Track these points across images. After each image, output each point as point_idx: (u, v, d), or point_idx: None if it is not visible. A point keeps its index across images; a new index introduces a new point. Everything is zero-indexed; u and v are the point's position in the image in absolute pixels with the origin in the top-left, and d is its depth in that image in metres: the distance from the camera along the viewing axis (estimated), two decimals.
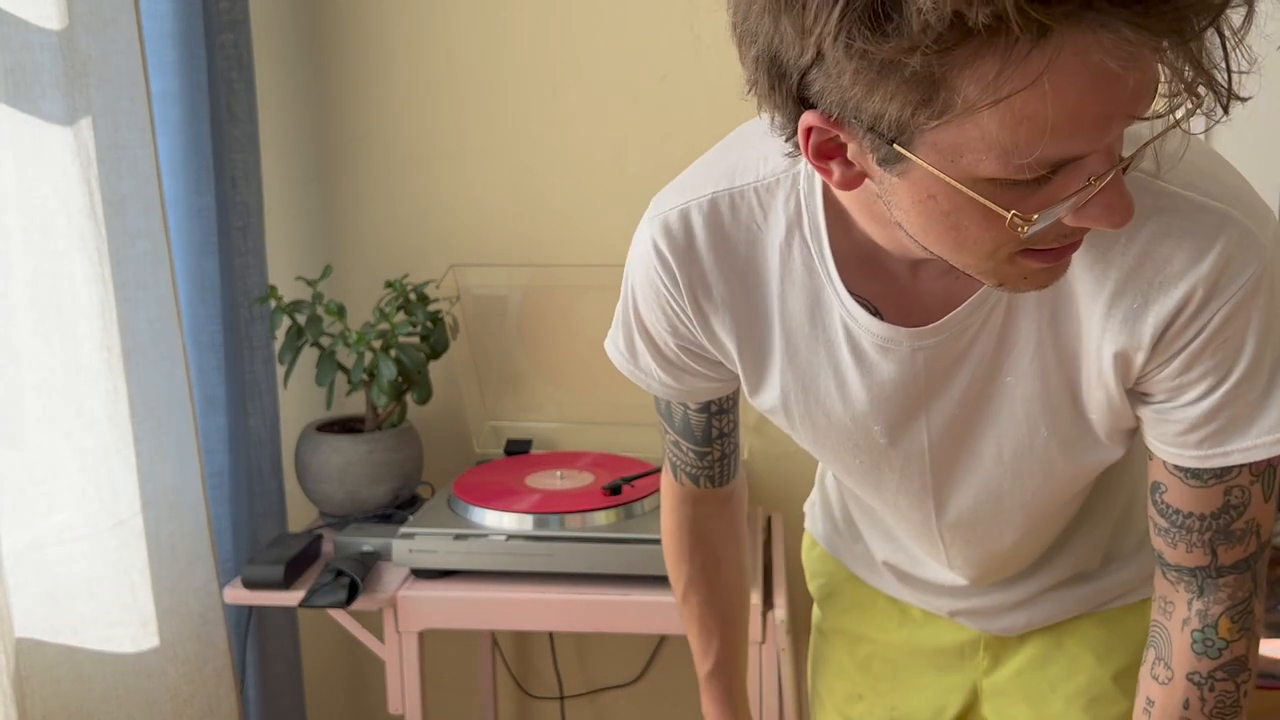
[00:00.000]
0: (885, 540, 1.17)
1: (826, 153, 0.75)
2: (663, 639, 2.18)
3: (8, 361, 1.42)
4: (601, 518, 1.69)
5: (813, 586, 1.30)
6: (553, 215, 2.05)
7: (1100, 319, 0.85)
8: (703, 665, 1.24)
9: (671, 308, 0.96)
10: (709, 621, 1.21)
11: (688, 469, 1.13)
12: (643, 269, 0.97)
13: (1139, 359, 0.85)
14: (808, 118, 0.72)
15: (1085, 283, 0.85)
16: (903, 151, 0.70)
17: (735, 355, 0.96)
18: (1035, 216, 0.70)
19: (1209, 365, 0.85)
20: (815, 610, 1.30)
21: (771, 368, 0.96)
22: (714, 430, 1.10)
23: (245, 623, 1.86)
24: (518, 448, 2.05)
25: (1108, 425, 0.92)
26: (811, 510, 1.31)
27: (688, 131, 1.95)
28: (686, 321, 0.96)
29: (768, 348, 0.95)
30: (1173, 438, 0.89)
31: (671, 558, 1.21)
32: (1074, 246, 0.76)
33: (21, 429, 1.45)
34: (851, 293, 0.89)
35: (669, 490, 1.18)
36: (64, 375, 1.47)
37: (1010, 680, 1.18)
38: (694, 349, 0.99)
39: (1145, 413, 0.90)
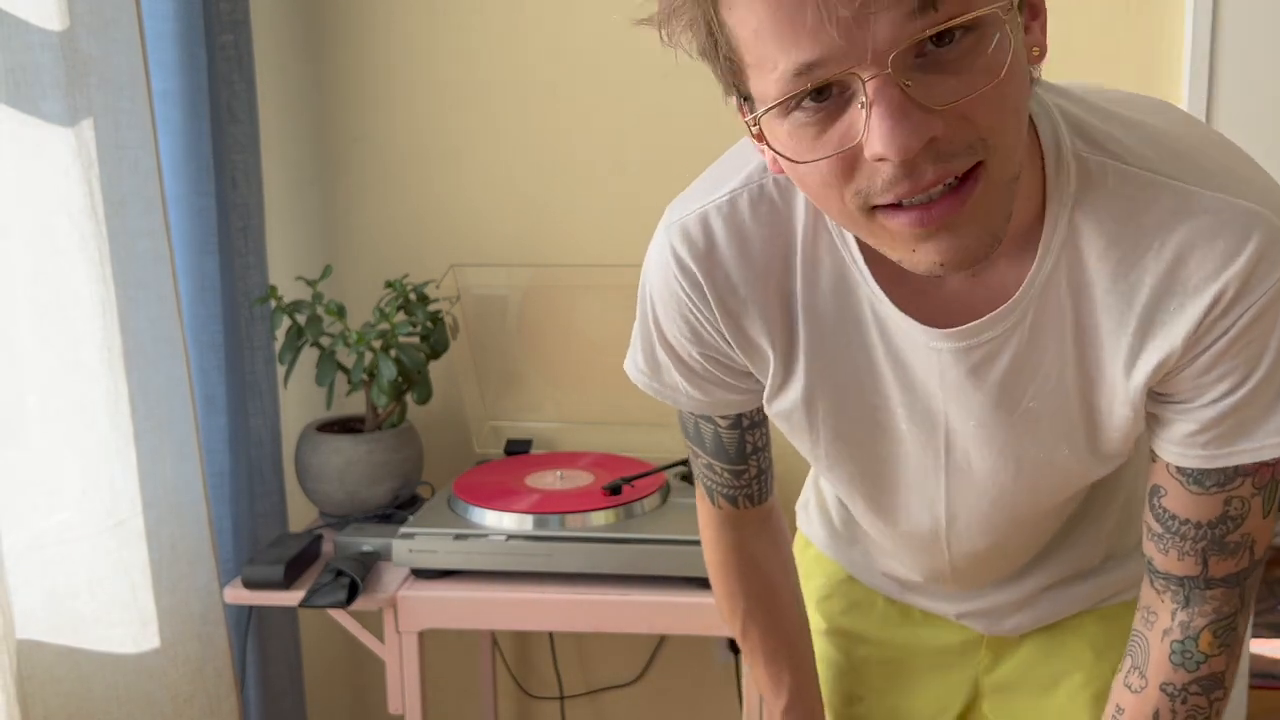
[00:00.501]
0: (883, 546, 1.16)
1: (759, 136, 0.78)
2: (663, 639, 2.18)
3: (8, 361, 1.43)
4: (601, 518, 1.69)
5: (808, 588, 1.27)
6: (553, 215, 2.05)
7: (1135, 330, 0.84)
8: (776, 702, 1.16)
9: (695, 316, 0.94)
10: (775, 652, 1.15)
11: (724, 490, 1.10)
12: (662, 278, 0.95)
13: (1171, 361, 0.84)
14: (732, 101, 0.78)
15: (1115, 295, 0.84)
16: (744, 107, 0.77)
17: (769, 353, 0.94)
18: (758, 110, 0.74)
19: (1231, 365, 0.84)
20: (810, 612, 1.28)
21: (796, 361, 0.94)
22: (747, 446, 1.07)
23: (246, 623, 1.86)
24: (518, 448, 2.05)
25: (1127, 433, 0.91)
26: (805, 511, 1.29)
27: (688, 131, 1.95)
28: (713, 331, 0.94)
29: (794, 341, 0.94)
30: (1182, 438, 0.89)
31: (722, 590, 1.16)
32: (932, 210, 0.73)
33: (22, 429, 1.45)
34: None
35: (708, 518, 1.14)
36: (64, 375, 1.47)
37: (1011, 676, 1.17)
38: (720, 358, 0.97)
39: (1162, 411, 0.89)
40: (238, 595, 1.69)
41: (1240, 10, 1.85)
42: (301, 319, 1.90)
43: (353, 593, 1.63)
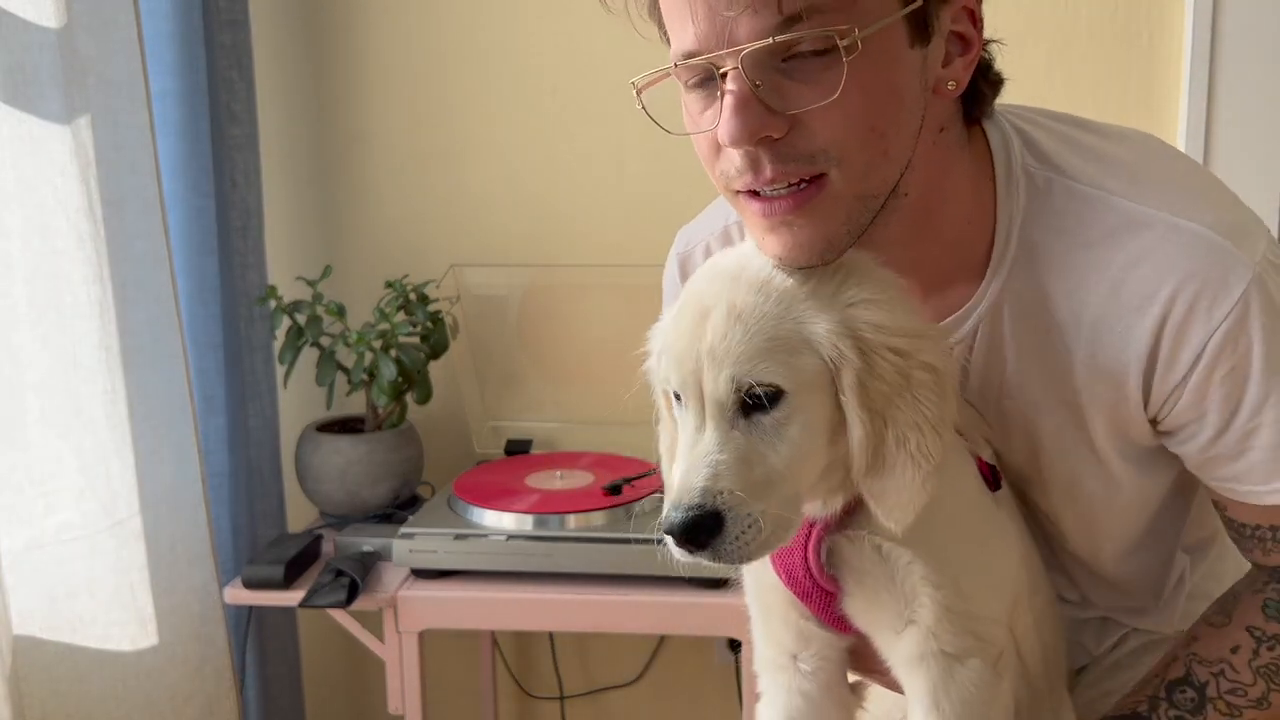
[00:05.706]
0: None
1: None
2: (663, 639, 2.17)
3: (7, 361, 1.42)
4: (601, 518, 1.69)
5: None
6: (553, 215, 2.05)
7: (1086, 352, 0.85)
8: None
9: None
10: None
11: None
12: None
13: (1132, 388, 0.85)
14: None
15: (1067, 310, 0.85)
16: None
17: None
18: (644, 78, 0.83)
19: (1218, 396, 0.84)
20: None
21: None
22: None
23: (245, 623, 1.86)
24: (518, 448, 2.05)
25: (1126, 456, 0.91)
26: None
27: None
28: None
29: None
30: (1208, 478, 0.90)
31: None
32: (774, 203, 0.79)
33: (21, 429, 1.45)
34: None
35: None
36: (63, 375, 1.47)
37: None
38: None
39: (1174, 446, 0.90)
40: (238, 595, 1.69)
41: (1240, 16, 1.85)
42: (302, 319, 1.90)
43: (353, 593, 1.63)
